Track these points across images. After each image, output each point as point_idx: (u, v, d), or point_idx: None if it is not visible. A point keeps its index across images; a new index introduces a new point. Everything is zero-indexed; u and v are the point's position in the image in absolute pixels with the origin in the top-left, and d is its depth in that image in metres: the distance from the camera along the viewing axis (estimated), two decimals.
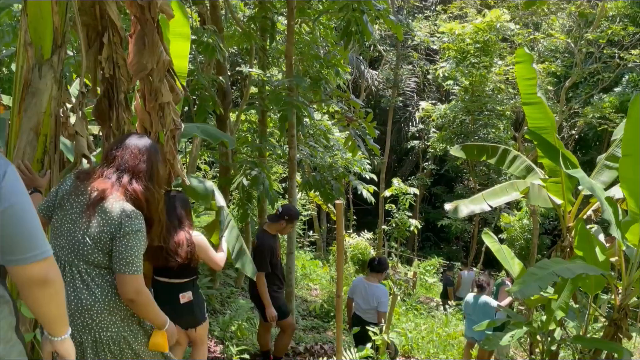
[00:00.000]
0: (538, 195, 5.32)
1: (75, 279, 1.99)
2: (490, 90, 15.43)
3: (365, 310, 5.17)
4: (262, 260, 4.36)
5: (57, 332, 1.55)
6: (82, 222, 2.00)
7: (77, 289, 1.99)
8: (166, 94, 2.67)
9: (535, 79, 5.15)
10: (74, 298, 1.98)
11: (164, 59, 2.68)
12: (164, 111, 2.83)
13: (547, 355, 4.95)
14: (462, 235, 22.73)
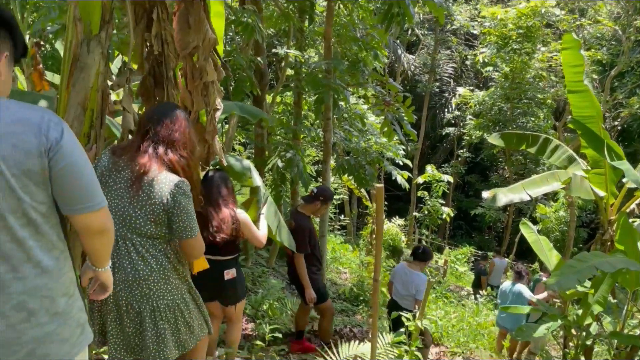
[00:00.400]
0: (580, 187, 5.17)
1: (131, 252, 2.07)
2: (531, 77, 15.00)
3: (403, 296, 5.18)
4: (302, 240, 4.31)
5: (101, 265, 1.69)
6: (129, 196, 2.07)
7: (133, 261, 2.07)
8: (211, 73, 2.68)
9: (582, 66, 4.98)
10: (131, 269, 2.07)
11: (210, 37, 2.68)
12: (208, 90, 2.83)
13: (582, 350, 4.85)
14: (495, 225, 22.39)
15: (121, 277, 2.07)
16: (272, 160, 6.60)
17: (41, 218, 1.39)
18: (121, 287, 2.07)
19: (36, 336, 1.37)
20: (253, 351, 3.93)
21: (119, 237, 2.05)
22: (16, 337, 1.34)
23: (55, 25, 5.45)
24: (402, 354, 3.06)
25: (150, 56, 2.62)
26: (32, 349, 1.37)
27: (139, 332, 2.12)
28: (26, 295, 1.35)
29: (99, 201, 1.48)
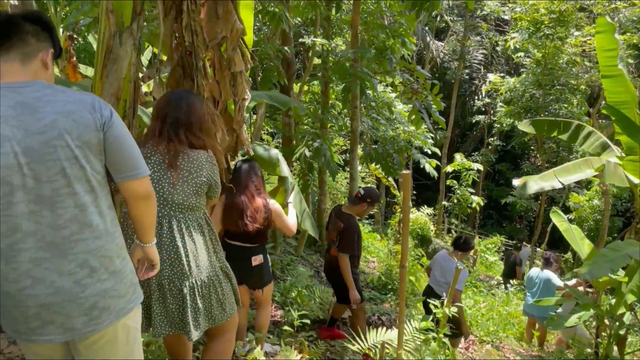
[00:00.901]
0: (614, 174, 5.05)
1: (173, 230, 2.22)
2: (564, 63, 14.59)
3: (440, 283, 5.20)
4: (350, 242, 4.31)
5: (148, 239, 1.87)
6: (169, 177, 2.22)
7: (175, 239, 2.21)
8: (239, 63, 2.72)
9: (616, 50, 4.85)
10: (172, 247, 2.21)
11: (238, 27, 2.72)
12: (236, 80, 2.87)
13: (615, 340, 4.77)
14: (526, 214, 22.01)
15: (163, 257, 2.19)
16: (300, 149, 6.64)
17: (98, 186, 1.60)
18: (164, 266, 2.20)
19: (97, 291, 1.58)
20: (282, 337, 3.99)
21: (162, 217, 2.20)
22: (81, 291, 1.55)
23: (87, 19, 5.58)
24: (429, 340, 3.08)
25: (180, 47, 2.67)
26: (94, 302, 1.58)
27: (181, 308, 2.25)
28: (88, 255, 1.56)
29: (144, 169, 1.70)
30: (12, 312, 1.54)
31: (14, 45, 1.53)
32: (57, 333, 1.56)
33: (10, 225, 1.47)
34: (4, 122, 1.44)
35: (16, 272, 1.49)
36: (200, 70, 2.66)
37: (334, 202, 10.80)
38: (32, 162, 1.46)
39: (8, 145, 1.44)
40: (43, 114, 1.47)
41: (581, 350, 5.09)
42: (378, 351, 3.22)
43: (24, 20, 1.56)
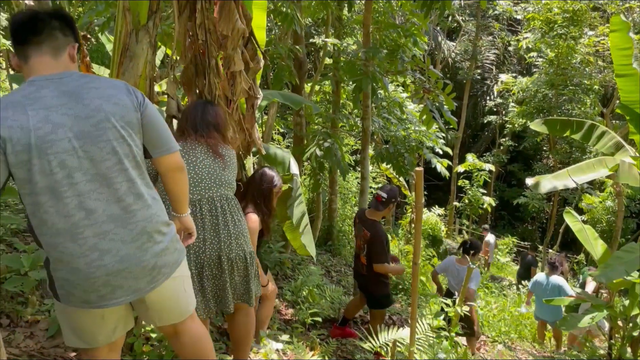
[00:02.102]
0: (628, 174, 5.00)
1: (225, 209, 2.54)
2: (577, 62, 14.44)
3: (458, 289, 5.23)
4: (382, 250, 4.35)
5: (183, 210, 2.07)
6: (218, 162, 2.55)
7: (226, 216, 2.53)
8: (238, 63, 2.72)
9: (631, 49, 4.81)
10: (223, 225, 2.52)
11: (239, 27, 2.71)
12: (235, 80, 2.88)
13: (628, 341, 4.73)
14: (539, 215, 21.82)
15: (214, 235, 2.50)
16: (311, 149, 6.65)
17: (141, 161, 1.80)
18: (224, 241, 2.52)
19: (156, 252, 1.80)
20: (293, 334, 4.01)
21: (215, 198, 2.52)
22: (142, 255, 1.76)
23: (101, 18, 5.63)
24: (441, 339, 3.07)
25: (193, 46, 2.69)
26: (154, 262, 1.79)
27: (222, 282, 2.53)
28: (145, 222, 1.77)
29: (175, 144, 1.91)
30: (82, 286, 1.68)
31: (44, 40, 1.64)
32: (125, 295, 1.75)
33: (73, 205, 1.62)
34: (54, 111, 1.58)
35: (83, 248, 1.65)
36: (212, 69, 2.69)
37: (344, 202, 10.80)
38: (85, 145, 1.62)
39: (62, 131, 1.58)
40: (88, 100, 1.63)
41: (594, 350, 5.05)
42: (390, 349, 3.22)
43: (50, 17, 1.66)
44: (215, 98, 2.74)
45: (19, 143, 1.54)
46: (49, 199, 1.60)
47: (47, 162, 1.57)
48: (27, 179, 1.57)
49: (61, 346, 2.87)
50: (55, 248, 1.65)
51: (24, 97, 1.58)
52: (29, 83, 1.61)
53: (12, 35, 1.66)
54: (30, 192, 1.59)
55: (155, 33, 2.34)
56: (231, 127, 2.95)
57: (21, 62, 1.66)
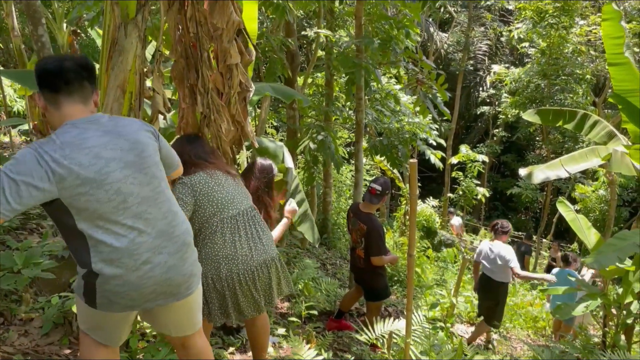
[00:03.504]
0: (621, 163, 5.01)
1: (254, 221, 2.79)
2: (569, 52, 14.46)
3: (492, 270, 5.64)
4: (380, 243, 4.38)
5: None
6: (236, 181, 2.81)
7: (256, 228, 2.78)
8: (235, 56, 2.70)
9: (623, 37, 4.80)
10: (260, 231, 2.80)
11: (234, 19, 2.68)
12: (231, 73, 2.85)
13: (622, 329, 4.77)
14: (532, 206, 21.93)
15: (257, 242, 2.75)
16: (304, 142, 6.63)
17: (168, 182, 2.08)
18: (266, 245, 2.79)
19: (192, 261, 2.07)
20: (289, 327, 4.01)
21: (247, 210, 2.76)
22: (183, 265, 2.01)
23: (90, 13, 5.57)
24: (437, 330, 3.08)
25: (183, 39, 2.66)
26: (191, 270, 2.05)
27: (269, 282, 2.79)
28: (184, 234, 2.04)
29: (179, 161, 2.30)
30: (130, 295, 1.87)
31: (75, 90, 1.85)
32: (164, 298, 1.97)
33: (128, 226, 1.85)
34: (103, 148, 1.82)
35: (137, 262, 1.86)
36: (205, 62, 2.65)
37: (339, 195, 10.80)
38: (134, 173, 1.87)
39: (114, 164, 1.82)
40: (127, 135, 1.89)
41: (588, 339, 5.09)
42: (386, 341, 3.23)
43: (79, 68, 1.87)
44: (209, 91, 2.71)
45: (78, 178, 1.74)
46: (106, 223, 1.81)
47: (105, 191, 1.79)
48: (87, 207, 1.77)
49: (55, 344, 2.86)
50: (112, 264, 1.82)
51: (74, 138, 1.77)
52: (71, 125, 1.81)
53: (43, 79, 1.83)
54: (88, 217, 1.79)
55: (144, 27, 2.31)
56: (226, 120, 2.93)
57: (51, 106, 1.85)
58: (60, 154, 1.72)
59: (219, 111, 2.73)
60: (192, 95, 2.77)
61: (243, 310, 2.72)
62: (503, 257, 5.53)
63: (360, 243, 4.50)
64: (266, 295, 2.80)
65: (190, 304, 2.13)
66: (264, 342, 3.04)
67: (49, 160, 1.70)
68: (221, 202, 2.66)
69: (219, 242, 2.61)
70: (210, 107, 2.73)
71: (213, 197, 2.64)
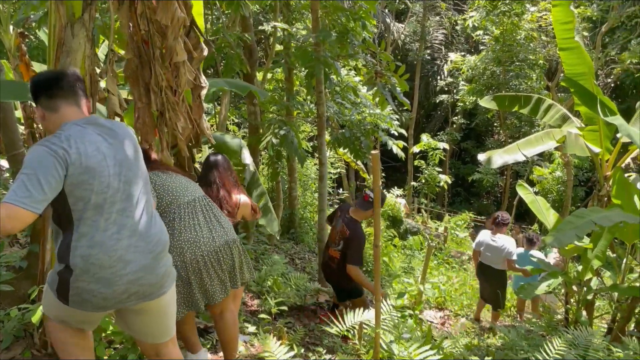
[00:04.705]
0: (575, 144, 5.17)
1: (210, 206, 2.87)
2: (522, 38, 14.84)
3: (493, 259, 6.12)
4: (359, 252, 4.32)
5: None
6: (188, 180, 2.90)
7: (214, 212, 2.86)
8: (181, 53, 2.63)
9: (572, 22, 4.92)
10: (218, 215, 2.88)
11: (179, 16, 2.59)
12: (178, 71, 2.77)
13: (583, 305, 4.93)
14: (493, 190, 22.48)
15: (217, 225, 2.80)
16: (267, 137, 6.58)
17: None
18: (225, 227, 2.84)
19: (165, 261, 2.11)
20: (260, 325, 3.98)
21: (201, 197, 2.83)
22: (157, 264, 2.04)
23: (38, 13, 5.36)
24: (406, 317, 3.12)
25: (134, 37, 2.58)
26: (164, 270, 2.09)
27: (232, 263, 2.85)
28: (159, 234, 2.09)
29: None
30: (103, 294, 1.91)
31: (69, 95, 1.99)
32: (137, 299, 2.00)
33: (111, 221, 1.92)
34: (101, 144, 1.94)
35: (112, 259, 1.90)
36: (157, 59, 2.58)
37: (305, 189, 10.79)
38: (125, 170, 1.98)
39: (109, 159, 1.94)
40: (120, 135, 2.03)
41: (551, 317, 5.25)
42: (356, 332, 3.24)
43: (71, 77, 2.01)
44: (163, 89, 2.64)
45: (80, 166, 1.84)
46: (93, 214, 1.89)
47: (100, 182, 1.89)
48: (84, 196, 1.87)
49: (17, 358, 2.75)
50: (88, 259, 1.87)
51: (77, 132, 1.90)
52: (72, 124, 1.93)
53: (39, 89, 1.97)
54: (82, 208, 1.87)
55: (92, 26, 2.22)
56: (182, 118, 2.88)
57: (49, 112, 1.97)
58: (67, 144, 1.84)
59: (174, 109, 2.67)
60: (147, 94, 2.70)
61: (211, 293, 2.75)
62: (507, 250, 6.05)
63: (337, 244, 4.48)
64: (231, 276, 2.87)
65: (163, 306, 2.15)
66: (234, 339, 3.04)
67: (58, 149, 1.81)
68: (176, 189, 2.73)
69: (178, 228, 2.65)
70: (165, 105, 2.66)
71: (168, 186, 2.72)
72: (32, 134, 4.65)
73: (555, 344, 3.32)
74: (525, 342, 4.05)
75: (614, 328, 4.54)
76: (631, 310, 4.51)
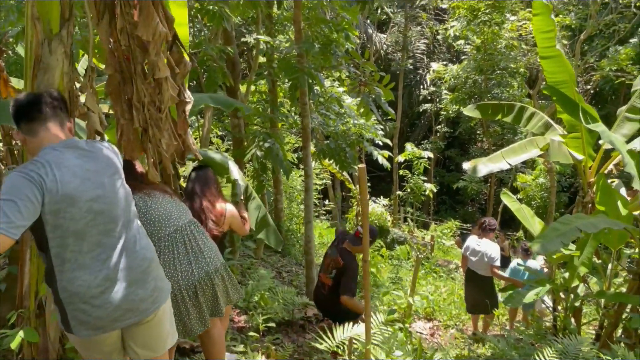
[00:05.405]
0: (558, 152, 5.21)
1: (194, 234, 2.82)
2: (502, 47, 15.04)
3: (477, 265, 6.08)
4: (351, 283, 4.35)
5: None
6: (175, 202, 2.84)
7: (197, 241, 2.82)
8: (163, 69, 2.56)
9: (553, 31, 4.98)
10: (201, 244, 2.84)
11: (160, 31, 2.53)
12: (161, 87, 2.71)
13: (571, 312, 4.93)
14: (477, 197, 22.62)
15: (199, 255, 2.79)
16: (252, 150, 6.52)
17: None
18: (207, 257, 2.82)
19: (155, 275, 2.12)
20: (247, 343, 3.91)
21: (185, 225, 2.79)
22: (146, 278, 2.06)
23: (15, 28, 5.28)
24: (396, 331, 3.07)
25: (115, 52, 2.52)
26: (154, 285, 2.10)
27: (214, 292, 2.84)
28: (145, 250, 2.09)
29: None
30: (96, 314, 1.92)
31: (49, 117, 1.98)
32: (134, 316, 2.02)
33: (93, 243, 1.92)
34: (79, 168, 1.92)
35: (98, 279, 1.91)
36: (139, 75, 2.52)
37: (290, 201, 10.73)
38: (105, 193, 1.97)
39: (88, 183, 1.92)
40: (100, 158, 2.02)
41: (540, 325, 5.25)
42: (346, 347, 3.19)
43: (51, 98, 2.00)
44: (145, 105, 2.58)
45: (57, 194, 1.82)
46: (75, 240, 1.88)
47: (79, 209, 1.88)
48: (59, 224, 1.85)
49: None
50: (74, 282, 1.89)
51: (55, 157, 1.88)
52: (51, 148, 1.92)
53: (19, 114, 1.95)
54: (60, 235, 1.87)
55: (70, 42, 2.17)
56: (166, 134, 2.82)
57: (29, 136, 1.97)
58: (43, 171, 1.83)
59: (158, 125, 2.61)
60: (130, 110, 2.64)
61: (189, 327, 2.74)
62: (489, 255, 5.99)
63: (329, 272, 4.51)
64: (213, 305, 2.84)
65: (158, 319, 2.16)
66: (220, 356, 3.01)
67: (35, 176, 1.80)
68: (158, 220, 2.69)
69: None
70: (148, 122, 2.60)
71: (150, 215, 2.67)
72: (11, 151, 4.55)
73: (546, 354, 3.30)
74: (515, 352, 4.03)
75: (602, 335, 4.55)
76: (618, 316, 4.52)
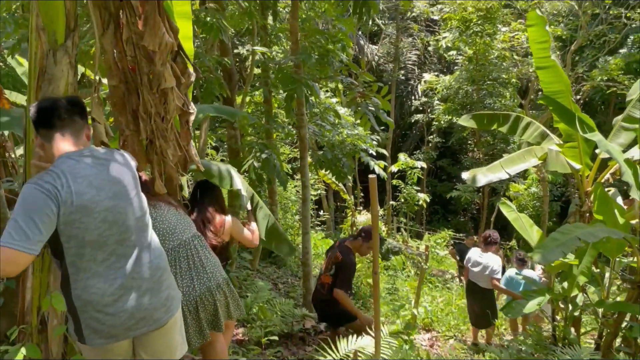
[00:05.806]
0: (556, 161, 5.23)
1: (197, 249, 2.86)
2: (494, 58, 15.18)
3: (478, 277, 6.17)
4: (348, 278, 4.48)
5: None
6: (179, 215, 2.88)
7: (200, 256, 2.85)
8: (169, 79, 2.55)
9: (548, 41, 5.03)
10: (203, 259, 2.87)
11: (167, 41, 2.52)
12: (167, 97, 2.69)
13: (570, 322, 4.93)
14: (470, 207, 22.69)
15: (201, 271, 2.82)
16: (248, 161, 6.49)
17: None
18: (210, 272, 2.85)
19: (168, 284, 2.14)
20: (248, 356, 3.86)
21: (189, 239, 2.82)
22: (159, 287, 2.07)
23: (10, 41, 5.23)
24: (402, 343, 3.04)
25: (120, 63, 2.49)
26: (167, 293, 2.12)
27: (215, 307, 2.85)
28: (158, 260, 2.11)
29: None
30: (110, 322, 1.93)
31: (67, 125, 1.97)
32: (148, 325, 2.02)
33: (109, 252, 1.93)
34: (94, 178, 1.91)
35: (112, 287, 1.92)
36: (145, 85, 2.50)
37: (285, 212, 10.70)
38: (119, 203, 1.96)
39: (103, 193, 1.92)
40: (114, 168, 2.00)
41: (540, 335, 5.23)
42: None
43: (70, 105, 1.99)
44: (152, 116, 2.56)
45: (72, 205, 1.82)
46: (90, 250, 1.89)
47: (93, 219, 1.88)
48: (74, 234, 1.85)
49: None
50: (88, 290, 1.90)
51: (70, 167, 1.87)
52: (67, 157, 1.90)
53: (38, 119, 1.95)
54: (75, 245, 1.87)
55: (75, 52, 2.14)
56: (171, 145, 2.82)
57: (47, 142, 1.95)
58: (59, 182, 1.82)
59: (164, 136, 2.59)
60: (135, 121, 2.61)
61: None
62: (490, 267, 6.08)
63: (329, 269, 4.59)
64: (214, 319, 2.86)
65: (170, 329, 2.17)
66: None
67: (51, 188, 1.79)
68: (162, 233, 2.70)
69: None
70: (155, 133, 2.58)
71: (155, 228, 2.63)
72: (4, 163, 4.50)
73: None
74: None
75: (602, 344, 4.54)
76: (617, 325, 4.51)
